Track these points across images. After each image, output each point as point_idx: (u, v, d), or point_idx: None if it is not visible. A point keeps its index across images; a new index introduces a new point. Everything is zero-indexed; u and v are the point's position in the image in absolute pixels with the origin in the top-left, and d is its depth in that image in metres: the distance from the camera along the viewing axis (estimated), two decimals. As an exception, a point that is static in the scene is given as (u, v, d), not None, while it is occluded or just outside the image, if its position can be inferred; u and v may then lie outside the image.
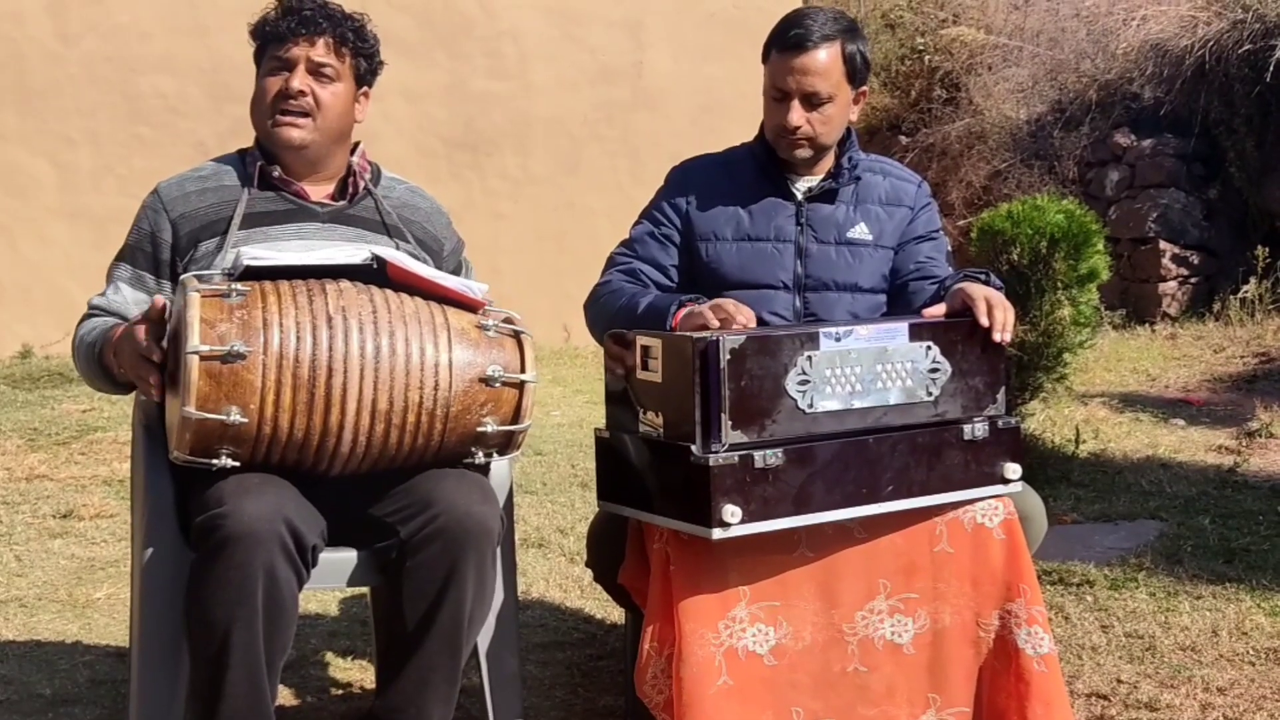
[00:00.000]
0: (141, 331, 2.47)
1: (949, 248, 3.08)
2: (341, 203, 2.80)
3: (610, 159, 9.15)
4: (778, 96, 2.84)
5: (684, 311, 2.64)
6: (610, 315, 2.80)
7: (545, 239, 9.00)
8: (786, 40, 2.82)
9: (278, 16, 2.75)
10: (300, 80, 2.71)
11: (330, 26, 2.74)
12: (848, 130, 2.94)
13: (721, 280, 2.86)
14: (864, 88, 2.91)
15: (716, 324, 2.55)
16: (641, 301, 2.75)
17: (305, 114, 2.73)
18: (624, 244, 2.97)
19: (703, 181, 2.94)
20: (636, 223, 2.97)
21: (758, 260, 2.87)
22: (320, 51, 2.73)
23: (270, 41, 2.75)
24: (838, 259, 2.90)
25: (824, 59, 2.81)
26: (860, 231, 2.91)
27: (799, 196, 2.91)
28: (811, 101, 2.83)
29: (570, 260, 8.67)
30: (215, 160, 2.84)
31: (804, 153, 2.88)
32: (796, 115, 2.82)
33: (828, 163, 2.93)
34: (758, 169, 2.93)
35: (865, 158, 2.98)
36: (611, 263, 2.96)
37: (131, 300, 2.71)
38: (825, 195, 2.92)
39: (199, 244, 2.71)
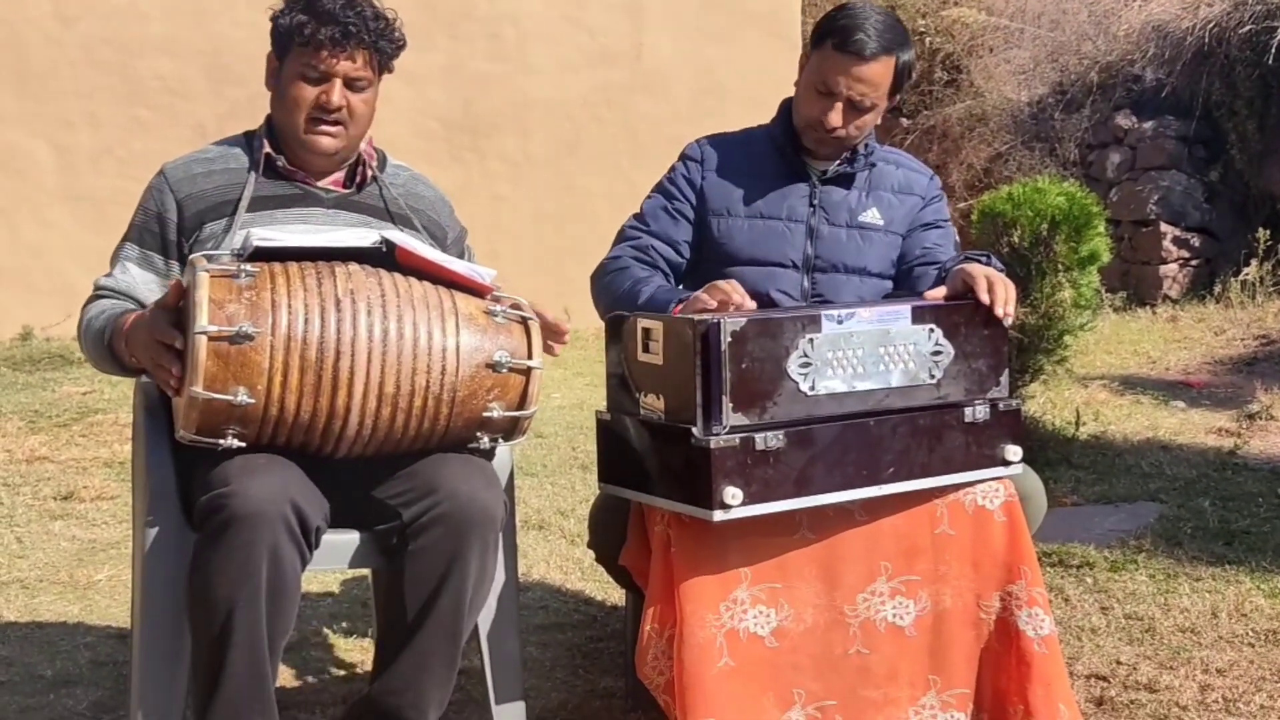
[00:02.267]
0: (161, 319, 2.43)
1: (956, 238, 3.09)
2: (348, 189, 2.80)
3: (610, 141, 9.13)
4: (824, 91, 2.82)
5: (681, 306, 2.64)
6: (614, 297, 2.81)
7: (545, 221, 8.99)
8: (849, 44, 2.78)
9: (315, 22, 2.65)
10: (339, 95, 2.69)
11: (371, 40, 2.69)
12: None
13: (731, 256, 2.86)
14: (899, 94, 2.91)
15: (714, 306, 2.55)
16: (643, 292, 2.75)
17: (340, 124, 2.71)
18: (635, 217, 2.96)
19: (719, 157, 2.94)
20: (649, 196, 2.97)
21: (768, 238, 2.88)
22: (358, 66, 2.70)
23: (303, 44, 2.67)
24: (848, 241, 2.90)
25: (880, 70, 2.81)
26: (872, 216, 2.93)
27: (814, 178, 2.92)
28: (856, 107, 2.83)
29: (570, 242, 8.66)
30: (220, 143, 2.81)
31: (828, 149, 2.89)
32: (838, 116, 2.82)
33: None
34: (775, 151, 2.94)
35: (880, 148, 2.99)
36: (622, 236, 2.96)
37: (140, 280, 2.69)
38: (840, 179, 2.93)
39: (204, 225, 2.70)
